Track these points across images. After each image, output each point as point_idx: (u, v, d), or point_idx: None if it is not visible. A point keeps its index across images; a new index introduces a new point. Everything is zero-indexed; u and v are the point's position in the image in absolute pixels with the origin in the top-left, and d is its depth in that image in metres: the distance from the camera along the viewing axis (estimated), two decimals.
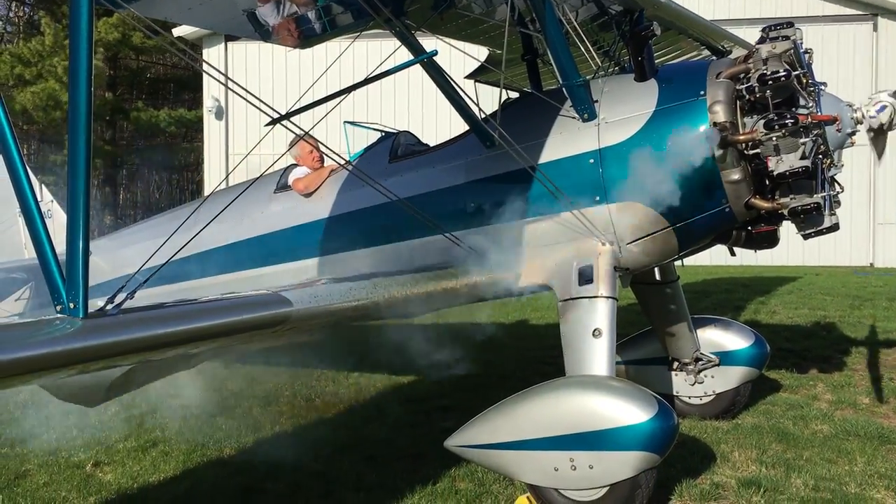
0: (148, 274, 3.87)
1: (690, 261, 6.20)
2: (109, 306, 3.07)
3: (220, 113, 22.21)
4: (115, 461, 5.87)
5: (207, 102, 22.44)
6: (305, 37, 5.77)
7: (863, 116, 5.02)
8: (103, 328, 2.74)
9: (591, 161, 5.03)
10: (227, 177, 7.08)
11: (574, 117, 5.15)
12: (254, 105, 4.35)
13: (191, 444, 6.20)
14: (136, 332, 2.78)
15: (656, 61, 6.18)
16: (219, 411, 7.19)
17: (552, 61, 5.22)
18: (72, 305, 3.05)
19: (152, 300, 3.53)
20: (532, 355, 9.13)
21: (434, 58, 5.25)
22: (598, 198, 5.01)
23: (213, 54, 21.94)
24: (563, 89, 5.18)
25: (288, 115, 4.77)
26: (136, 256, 4.55)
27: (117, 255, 7.35)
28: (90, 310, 3.07)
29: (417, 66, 5.35)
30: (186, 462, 5.80)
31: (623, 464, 4.29)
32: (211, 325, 3.06)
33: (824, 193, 4.84)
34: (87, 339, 2.75)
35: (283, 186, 6.61)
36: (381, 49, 6.65)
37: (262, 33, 5.70)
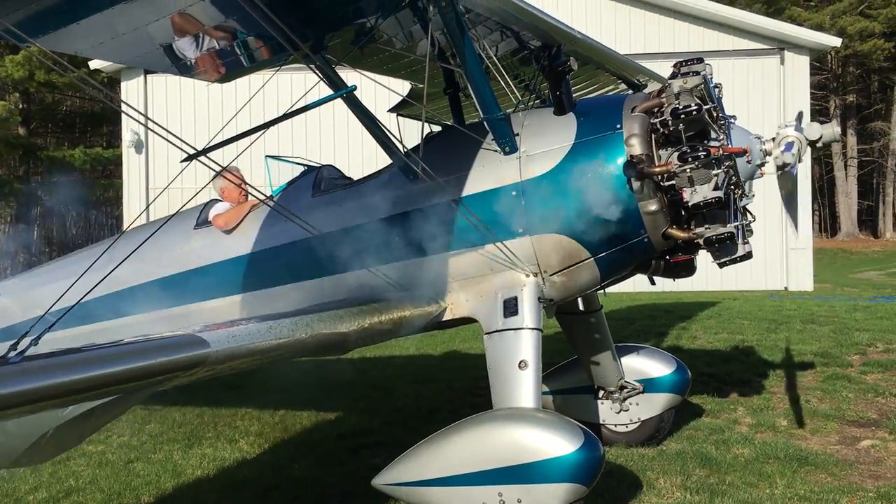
0: (59, 315, 3.70)
1: (615, 287, 6.29)
2: (12, 353, 2.92)
3: (140, 146, 21.66)
4: None
5: (126, 136, 21.85)
6: (224, 71, 5.69)
7: (770, 151, 5.19)
8: (2, 378, 2.58)
9: (514, 193, 5.07)
10: (144, 211, 6.87)
11: (496, 150, 5.19)
12: (171, 142, 4.24)
13: (106, 492, 5.94)
14: (39, 381, 2.63)
15: (575, 95, 6.32)
16: (136, 456, 6.92)
17: (473, 95, 5.28)
18: None
19: (68, 342, 3.36)
20: (461, 387, 9.11)
21: (356, 92, 5.23)
22: (520, 230, 5.05)
23: (131, 87, 21.42)
24: (485, 123, 5.24)
25: (205, 151, 4.68)
26: (49, 297, 4.37)
27: (28, 296, 7.03)
28: None
29: (340, 100, 5.32)
30: None
31: (551, 496, 4.29)
32: (121, 370, 2.92)
33: (737, 223, 5.00)
34: None
35: (203, 222, 6.46)
36: (305, 81, 6.58)
37: (180, 67, 5.59)
